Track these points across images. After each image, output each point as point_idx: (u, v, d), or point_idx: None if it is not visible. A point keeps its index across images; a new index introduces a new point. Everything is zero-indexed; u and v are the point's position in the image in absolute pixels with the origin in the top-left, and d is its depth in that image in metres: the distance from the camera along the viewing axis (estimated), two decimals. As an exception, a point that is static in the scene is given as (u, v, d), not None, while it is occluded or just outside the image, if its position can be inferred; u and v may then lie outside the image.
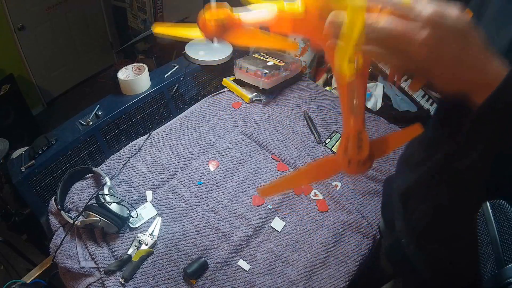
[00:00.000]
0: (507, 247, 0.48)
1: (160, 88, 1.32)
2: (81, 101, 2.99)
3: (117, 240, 0.97)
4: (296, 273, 0.95)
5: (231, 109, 1.40)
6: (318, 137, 1.31)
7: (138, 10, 2.73)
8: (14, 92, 2.26)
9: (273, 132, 1.32)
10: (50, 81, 2.90)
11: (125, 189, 1.09)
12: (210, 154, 1.22)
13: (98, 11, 3.07)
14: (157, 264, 0.93)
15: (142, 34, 1.66)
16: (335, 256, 1.00)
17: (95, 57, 3.20)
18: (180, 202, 1.08)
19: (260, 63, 1.42)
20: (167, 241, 0.97)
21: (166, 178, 1.14)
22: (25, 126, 2.35)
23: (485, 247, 0.52)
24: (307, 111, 1.41)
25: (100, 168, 1.11)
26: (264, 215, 1.06)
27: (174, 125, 1.31)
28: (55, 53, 2.84)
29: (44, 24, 2.65)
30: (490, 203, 0.54)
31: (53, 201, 1.04)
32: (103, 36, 3.23)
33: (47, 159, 1.07)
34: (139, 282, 0.89)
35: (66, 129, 1.16)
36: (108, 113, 1.20)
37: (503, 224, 0.50)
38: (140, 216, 1.02)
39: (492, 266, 0.49)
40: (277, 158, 1.23)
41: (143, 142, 1.23)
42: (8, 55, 2.47)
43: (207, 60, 1.44)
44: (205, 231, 1.01)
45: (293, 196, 1.13)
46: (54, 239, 0.99)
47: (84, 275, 0.91)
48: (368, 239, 1.04)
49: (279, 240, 1.02)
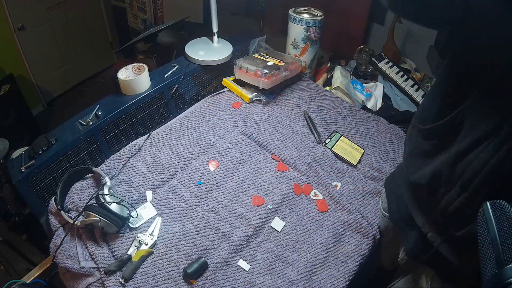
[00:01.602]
0: (507, 247, 0.48)
1: (160, 88, 1.33)
2: (81, 101, 3.00)
3: (117, 240, 0.97)
4: (296, 273, 0.95)
5: (231, 109, 1.40)
6: (318, 137, 1.31)
7: (138, 10, 2.73)
8: (14, 92, 2.26)
9: (273, 132, 1.32)
10: (50, 81, 2.90)
11: (125, 189, 1.09)
12: (210, 154, 1.22)
13: (98, 11, 3.07)
14: (157, 264, 0.93)
15: (142, 34, 1.66)
16: (335, 256, 1.00)
17: (95, 57, 3.21)
18: (180, 202, 1.08)
19: (260, 63, 1.42)
20: (167, 241, 0.97)
21: (166, 178, 1.14)
22: (25, 126, 2.35)
23: (485, 247, 0.52)
24: (307, 111, 1.41)
25: (100, 168, 1.11)
26: (264, 215, 1.06)
27: (174, 125, 1.31)
28: (55, 53, 2.84)
29: (44, 24, 2.66)
30: (490, 203, 0.54)
31: (53, 201, 1.04)
32: (103, 36, 3.23)
33: (47, 159, 1.07)
34: (139, 282, 0.89)
35: (66, 129, 1.16)
36: (108, 113, 1.20)
37: (503, 224, 0.50)
38: (140, 216, 1.02)
39: (492, 266, 0.49)
40: (277, 158, 1.23)
41: (143, 142, 1.23)
42: (8, 55, 2.47)
43: (207, 60, 1.44)
44: (205, 231, 1.01)
45: (293, 196, 1.13)
46: (54, 239, 0.99)
47: (84, 275, 0.91)
48: (368, 239, 1.04)
49: (279, 240, 1.02)
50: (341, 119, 1.43)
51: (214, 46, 1.52)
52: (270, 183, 1.15)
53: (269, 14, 1.96)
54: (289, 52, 1.64)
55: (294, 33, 1.56)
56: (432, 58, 1.73)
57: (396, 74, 1.64)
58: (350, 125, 1.41)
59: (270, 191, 1.12)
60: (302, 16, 1.52)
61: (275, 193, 1.12)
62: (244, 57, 1.50)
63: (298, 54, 1.61)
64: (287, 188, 1.13)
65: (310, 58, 1.63)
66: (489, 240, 0.50)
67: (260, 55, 1.53)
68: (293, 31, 1.56)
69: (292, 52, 1.62)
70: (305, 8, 1.58)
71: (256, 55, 1.53)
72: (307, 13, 1.55)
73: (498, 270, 0.46)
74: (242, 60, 1.44)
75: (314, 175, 1.19)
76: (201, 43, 1.54)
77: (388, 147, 1.33)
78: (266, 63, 1.42)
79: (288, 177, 1.17)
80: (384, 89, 1.64)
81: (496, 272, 0.47)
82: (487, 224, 0.51)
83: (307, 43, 1.57)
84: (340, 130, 1.36)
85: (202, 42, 1.54)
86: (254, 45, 1.62)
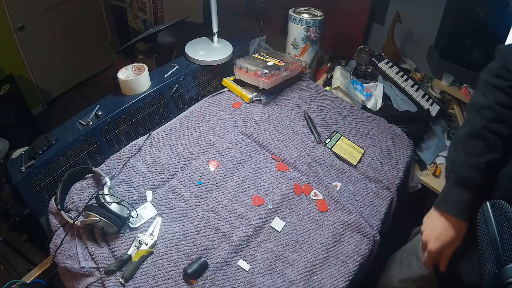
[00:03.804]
0: (507, 247, 0.48)
1: (160, 88, 1.32)
2: (81, 101, 3.00)
3: (117, 240, 0.97)
4: (296, 273, 0.95)
5: (231, 109, 1.40)
6: (318, 137, 1.31)
7: (138, 10, 2.73)
8: (14, 92, 2.26)
9: (273, 132, 1.32)
10: (50, 81, 2.90)
11: (125, 189, 1.09)
12: (210, 154, 1.22)
13: (98, 11, 3.07)
14: (157, 264, 0.93)
15: (142, 34, 1.66)
16: (335, 256, 1.00)
17: (95, 57, 3.20)
18: (180, 202, 1.08)
19: (260, 63, 1.42)
20: (167, 241, 0.97)
21: (166, 178, 1.14)
22: (25, 126, 2.35)
23: (485, 247, 0.52)
24: (307, 111, 1.41)
25: (100, 168, 1.11)
26: (264, 215, 1.06)
27: (174, 125, 1.31)
28: (55, 53, 2.84)
29: (44, 24, 2.66)
30: (490, 203, 0.54)
31: (53, 201, 1.04)
32: (103, 36, 3.23)
33: (47, 159, 1.06)
34: (139, 282, 0.89)
35: (66, 129, 1.15)
36: (108, 113, 1.20)
37: (503, 224, 0.50)
38: (140, 216, 1.02)
39: (492, 266, 0.49)
40: (277, 158, 1.23)
41: (143, 142, 1.23)
42: (8, 55, 2.47)
43: (207, 60, 1.44)
44: (205, 231, 1.01)
45: (293, 196, 1.13)
46: (54, 239, 0.99)
47: (84, 275, 0.91)
48: (368, 239, 1.05)
49: (279, 240, 1.02)
50: (341, 119, 1.43)
51: (214, 46, 1.52)
52: (270, 183, 1.15)
53: (269, 14, 1.96)
54: (289, 52, 1.64)
55: (294, 33, 1.56)
56: (432, 58, 1.73)
57: (396, 74, 1.65)
58: (350, 125, 1.41)
59: (270, 191, 1.12)
60: (302, 16, 1.52)
61: (275, 193, 1.12)
62: (244, 57, 1.50)
63: (298, 54, 1.61)
64: (287, 188, 1.13)
65: (310, 58, 1.63)
66: (489, 240, 0.50)
67: (260, 55, 1.53)
68: (293, 31, 1.56)
69: (292, 52, 1.62)
70: (305, 8, 1.58)
71: (256, 55, 1.53)
72: (307, 13, 1.55)
73: (498, 270, 0.47)
74: (242, 60, 1.44)
75: (314, 175, 1.19)
76: (201, 43, 1.54)
77: (388, 147, 1.33)
78: (266, 63, 1.42)
79: (288, 177, 1.17)
80: (384, 89, 1.64)
81: (496, 272, 0.47)
82: (487, 224, 0.51)
83: (307, 43, 1.57)
84: (340, 130, 1.36)
85: (202, 42, 1.54)
86: (254, 45, 1.62)
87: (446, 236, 0.77)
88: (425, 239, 0.80)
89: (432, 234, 0.79)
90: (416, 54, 1.84)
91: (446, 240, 0.77)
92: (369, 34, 1.97)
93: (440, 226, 0.78)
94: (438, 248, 0.78)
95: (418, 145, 1.44)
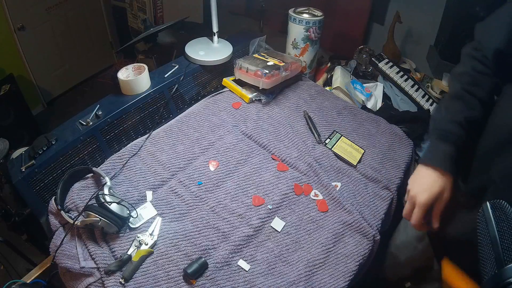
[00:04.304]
0: (507, 247, 0.48)
1: (160, 88, 1.33)
2: (81, 101, 3.00)
3: (117, 240, 0.97)
4: (296, 273, 0.95)
5: (231, 109, 1.40)
6: (318, 137, 1.31)
7: (138, 10, 2.73)
8: (14, 92, 2.27)
9: (273, 132, 1.32)
10: (50, 81, 2.90)
11: (125, 189, 1.09)
12: (210, 154, 1.22)
13: (98, 11, 3.07)
14: (157, 264, 0.93)
15: (142, 34, 1.66)
16: (335, 256, 1.00)
17: (95, 57, 3.21)
18: (180, 202, 1.08)
19: (260, 63, 1.42)
20: (167, 241, 0.97)
21: (166, 178, 1.14)
22: (25, 126, 2.35)
23: (485, 247, 0.52)
24: (307, 111, 1.41)
25: (100, 168, 1.11)
26: (264, 215, 1.06)
27: (174, 125, 1.31)
28: (55, 53, 2.85)
29: (44, 24, 2.66)
30: (490, 203, 0.54)
31: (53, 201, 1.04)
32: (103, 36, 3.23)
33: (47, 159, 1.06)
34: (139, 282, 0.89)
35: (66, 129, 1.15)
36: (108, 113, 1.20)
37: (503, 224, 0.50)
38: (140, 216, 1.02)
39: (492, 266, 0.49)
40: (277, 158, 1.23)
41: (143, 142, 1.23)
42: (8, 55, 2.47)
43: (207, 60, 1.44)
44: (205, 231, 1.01)
45: (293, 196, 1.13)
46: (54, 239, 0.99)
47: (84, 275, 0.91)
48: (368, 239, 1.04)
49: (279, 240, 1.02)
50: (341, 119, 1.43)
51: (214, 46, 1.52)
52: (270, 183, 1.15)
53: (269, 14, 1.96)
54: (289, 52, 1.64)
55: (294, 33, 1.56)
56: (432, 58, 1.73)
57: (396, 74, 1.65)
58: (350, 125, 1.41)
59: (270, 191, 1.12)
60: (302, 16, 1.52)
61: (275, 193, 1.12)
62: (244, 57, 1.50)
63: (298, 54, 1.61)
64: (287, 188, 1.13)
65: (310, 58, 1.63)
66: (489, 240, 0.50)
67: (260, 55, 1.53)
68: (293, 31, 1.56)
69: (292, 52, 1.62)
70: (305, 8, 1.58)
71: (256, 55, 1.53)
72: (307, 13, 1.55)
73: (498, 270, 0.47)
74: (242, 60, 1.44)
75: (314, 175, 1.19)
76: (201, 43, 1.54)
77: (388, 147, 1.33)
78: (266, 63, 1.42)
79: (288, 177, 1.17)
80: (384, 89, 1.64)
81: (496, 272, 0.47)
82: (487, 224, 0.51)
83: (307, 43, 1.57)
84: (340, 130, 1.36)
85: (202, 42, 1.54)
86: (254, 45, 1.62)
87: (434, 188, 0.79)
88: (413, 193, 0.81)
89: (420, 187, 0.80)
90: (416, 54, 1.84)
91: (434, 192, 0.78)
92: (369, 34, 1.97)
93: (427, 179, 0.80)
94: (427, 199, 0.78)
95: (418, 145, 1.44)
